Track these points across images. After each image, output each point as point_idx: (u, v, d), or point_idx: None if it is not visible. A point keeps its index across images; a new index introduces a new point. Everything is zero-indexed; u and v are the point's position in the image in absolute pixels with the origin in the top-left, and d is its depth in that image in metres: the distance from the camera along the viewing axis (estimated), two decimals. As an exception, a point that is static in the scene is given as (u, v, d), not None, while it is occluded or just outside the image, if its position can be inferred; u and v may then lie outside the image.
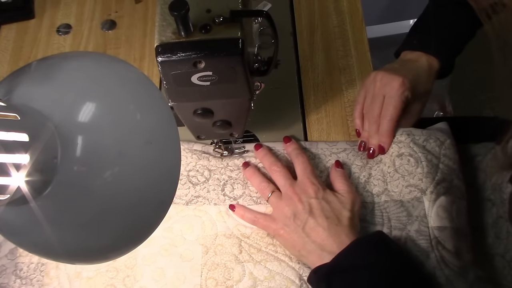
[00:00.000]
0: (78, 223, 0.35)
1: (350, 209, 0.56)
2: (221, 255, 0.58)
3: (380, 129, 0.61)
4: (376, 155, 0.61)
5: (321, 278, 0.52)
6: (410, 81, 0.60)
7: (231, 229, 0.60)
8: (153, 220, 0.38)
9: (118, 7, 0.80)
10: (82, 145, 0.32)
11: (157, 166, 0.37)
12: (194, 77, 0.44)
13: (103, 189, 0.34)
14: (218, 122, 0.53)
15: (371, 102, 0.62)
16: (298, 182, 0.58)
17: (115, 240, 0.37)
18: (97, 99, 0.34)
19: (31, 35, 0.78)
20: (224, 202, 0.61)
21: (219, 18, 0.42)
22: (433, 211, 0.56)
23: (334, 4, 0.75)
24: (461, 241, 0.55)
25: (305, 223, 0.55)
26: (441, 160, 0.59)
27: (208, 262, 0.58)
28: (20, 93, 0.34)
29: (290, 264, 0.58)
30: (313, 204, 0.55)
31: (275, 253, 0.58)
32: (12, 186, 0.29)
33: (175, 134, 0.39)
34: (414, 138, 0.60)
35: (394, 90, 0.59)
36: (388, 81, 0.60)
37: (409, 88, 0.60)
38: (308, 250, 0.54)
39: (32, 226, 0.34)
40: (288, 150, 0.62)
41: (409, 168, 0.59)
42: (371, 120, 0.62)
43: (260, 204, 0.60)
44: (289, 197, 0.57)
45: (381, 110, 0.61)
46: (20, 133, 0.29)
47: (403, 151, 0.60)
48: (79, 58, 0.39)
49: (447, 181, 0.57)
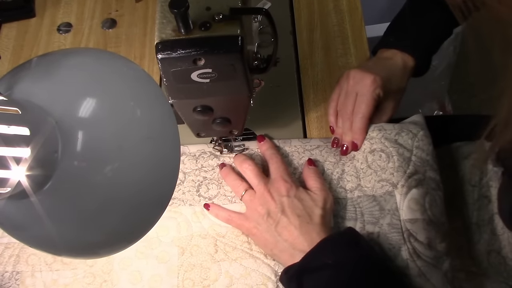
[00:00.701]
0: (78, 218, 0.35)
1: (322, 206, 0.56)
2: (197, 255, 0.59)
3: (353, 126, 0.61)
4: (349, 152, 0.62)
5: (291, 278, 0.53)
6: (383, 78, 0.61)
7: (206, 229, 0.60)
8: (153, 215, 0.38)
9: (118, 5, 0.80)
10: (82, 140, 0.33)
11: (157, 161, 0.37)
12: (194, 74, 0.44)
13: (103, 184, 0.34)
14: (218, 119, 0.53)
15: (344, 99, 0.62)
16: (271, 180, 0.58)
17: (115, 235, 0.37)
18: (97, 95, 0.35)
19: (31, 33, 0.79)
20: (199, 203, 0.61)
21: (219, 15, 0.43)
22: (405, 204, 0.57)
23: (333, 3, 0.75)
24: (434, 232, 0.56)
25: (277, 222, 0.55)
26: (414, 153, 0.59)
27: (184, 263, 0.59)
28: (21, 89, 0.34)
29: (265, 261, 0.58)
30: (285, 203, 0.56)
31: (250, 251, 0.59)
32: (13, 180, 0.29)
33: (175, 130, 0.39)
34: (385, 133, 0.61)
35: (366, 88, 0.60)
36: (360, 79, 0.61)
37: (381, 86, 0.60)
38: (280, 249, 0.55)
39: (33, 221, 0.34)
40: (262, 149, 0.62)
41: (381, 164, 0.60)
42: (344, 118, 0.62)
43: (235, 203, 0.61)
44: (262, 195, 0.57)
45: (354, 108, 0.61)
46: (21, 127, 0.29)
47: (375, 147, 0.60)
48: (79, 54, 0.39)
49: (420, 173, 0.58)
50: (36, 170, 0.30)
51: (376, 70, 0.61)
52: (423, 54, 0.65)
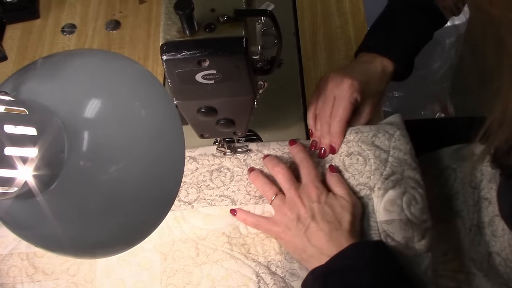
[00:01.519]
0: (84, 217, 0.35)
1: (352, 212, 0.56)
2: (179, 260, 0.59)
3: (331, 129, 0.62)
4: (327, 155, 0.62)
5: (316, 278, 0.53)
6: (360, 82, 0.61)
7: (187, 233, 0.60)
8: (158, 214, 0.38)
9: (122, 7, 0.81)
10: (88, 140, 0.33)
11: (162, 161, 0.38)
12: (199, 75, 0.45)
13: (108, 184, 0.35)
14: (222, 120, 0.53)
15: (323, 103, 0.63)
16: (302, 185, 0.58)
17: (120, 234, 0.37)
18: (102, 95, 0.35)
19: (36, 34, 0.79)
20: (179, 208, 0.61)
21: (223, 17, 0.43)
22: (381, 206, 0.58)
23: (336, 5, 0.75)
24: (412, 231, 0.56)
25: (307, 228, 0.55)
26: (391, 153, 0.60)
27: (167, 268, 0.59)
28: (27, 89, 0.34)
29: (246, 262, 0.58)
30: (315, 209, 0.56)
31: (230, 251, 0.59)
32: (19, 180, 0.30)
33: (179, 130, 0.39)
34: (362, 136, 0.61)
35: (343, 92, 0.61)
36: (338, 83, 0.62)
37: (358, 90, 0.61)
38: (309, 254, 0.55)
39: (39, 220, 0.34)
40: (293, 152, 0.62)
41: (358, 167, 0.60)
42: (323, 121, 0.63)
43: (214, 205, 0.61)
44: (292, 200, 0.57)
45: (332, 111, 0.62)
46: (28, 127, 0.30)
47: (352, 150, 0.61)
48: (84, 55, 0.40)
49: (397, 174, 0.59)
50: (43, 170, 0.31)
51: (354, 74, 0.62)
52: (402, 58, 0.65)
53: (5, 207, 0.34)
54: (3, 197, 0.30)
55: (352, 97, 0.61)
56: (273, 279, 0.57)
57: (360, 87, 0.61)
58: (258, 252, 0.59)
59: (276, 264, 0.58)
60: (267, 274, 0.58)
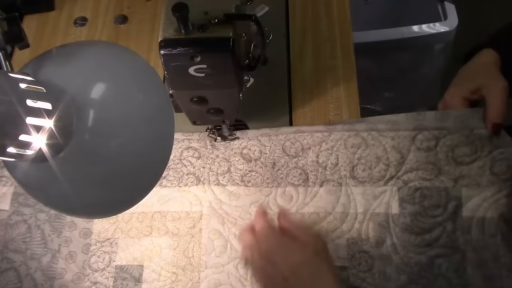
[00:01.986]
0: (87, 182, 0.42)
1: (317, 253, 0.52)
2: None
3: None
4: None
5: None
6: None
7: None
8: (148, 183, 0.45)
9: (130, 3, 0.88)
10: (93, 117, 0.39)
11: (155, 139, 0.44)
12: (191, 69, 0.51)
13: (109, 155, 0.41)
14: (212, 109, 0.60)
15: None
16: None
17: (117, 198, 0.44)
18: (107, 80, 0.41)
19: (51, 25, 0.86)
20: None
21: (215, 19, 0.49)
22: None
23: (325, 10, 0.81)
24: (382, 232, 0.62)
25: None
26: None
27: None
28: (44, 72, 0.41)
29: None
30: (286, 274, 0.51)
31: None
32: (37, 145, 0.36)
33: (170, 114, 0.46)
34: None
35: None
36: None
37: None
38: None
39: (50, 182, 0.41)
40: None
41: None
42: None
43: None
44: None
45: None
46: (45, 103, 0.36)
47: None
48: (94, 46, 0.46)
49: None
50: (55, 138, 0.37)
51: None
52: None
53: (23, 169, 0.41)
54: (22, 158, 0.37)
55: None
56: None
57: None
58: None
59: None
60: None
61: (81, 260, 0.66)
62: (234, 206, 0.67)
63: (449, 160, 0.64)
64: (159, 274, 0.65)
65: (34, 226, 0.68)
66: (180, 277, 0.64)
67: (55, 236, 0.67)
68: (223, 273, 0.64)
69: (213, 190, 0.68)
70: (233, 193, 0.68)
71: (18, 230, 0.68)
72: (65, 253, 0.67)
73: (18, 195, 0.70)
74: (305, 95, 0.75)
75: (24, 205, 0.69)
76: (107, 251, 0.66)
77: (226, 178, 0.69)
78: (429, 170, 0.64)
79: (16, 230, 0.68)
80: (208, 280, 0.64)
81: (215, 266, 0.65)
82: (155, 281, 0.64)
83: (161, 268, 0.65)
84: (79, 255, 0.66)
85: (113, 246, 0.66)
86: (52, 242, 0.67)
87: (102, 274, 0.65)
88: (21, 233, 0.68)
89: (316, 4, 0.82)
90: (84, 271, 0.65)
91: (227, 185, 0.68)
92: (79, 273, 0.65)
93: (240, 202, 0.67)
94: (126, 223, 0.67)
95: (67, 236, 0.67)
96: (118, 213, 0.46)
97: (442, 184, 0.63)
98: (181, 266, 0.65)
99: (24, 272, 0.65)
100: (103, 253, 0.66)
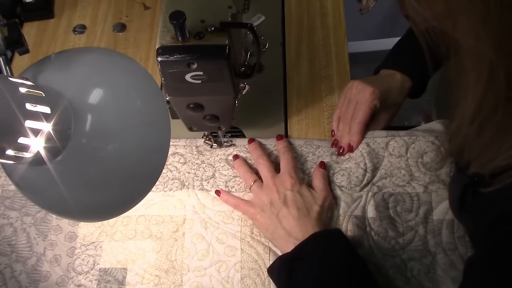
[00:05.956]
0: (84, 186, 0.43)
1: (321, 204, 0.64)
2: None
3: (350, 130, 0.69)
4: (345, 153, 0.70)
5: (283, 265, 0.60)
6: (381, 92, 0.69)
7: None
8: (145, 187, 0.46)
9: (128, 12, 0.89)
10: (91, 122, 0.40)
11: (150, 144, 0.45)
12: (188, 75, 0.52)
13: (105, 159, 0.42)
14: (208, 116, 0.61)
15: (346, 106, 0.70)
16: (279, 175, 0.66)
17: (114, 202, 0.45)
18: (105, 86, 0.42)
19: (50, 32, 0.87)
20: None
21: (211, 27, 0.50)
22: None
23: (321, 19, 0.83)
24: (360, 234, 0.65)
25: (279, 211, 0.63)
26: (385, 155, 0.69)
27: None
28: (43, 77, 0.42)
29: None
30: (288, 195, 0.63)
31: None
32: (35, 148, 0.37)
33: (167, 120, 0.47)
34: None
35: (365, 98, 0.68)
36: (361, 89, 0.69)
37: (378, 98, 0.68)
38: (279, 235, 0.62)
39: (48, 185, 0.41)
40: (278, 146, 0.70)
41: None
42: (344, 122, 0.70)
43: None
44: (269, 187, 0.65)
45: (353, 114, 0.69)
46: (44, 107, 0.37)
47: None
48: (92, 52, 0.47)
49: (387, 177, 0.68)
50: (53, 141, 0.38)
51: (376, 83, 0.69)
52: (419, 78, 0.72)
53: (21, 172, 0.42)
54: (21, 161, 0.38)
55: (372, 103, 0.68)
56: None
57: (380, 96, 0.68)
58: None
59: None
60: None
61: (65, 263, 0.67)
62: (217, 211, 0.69)
63: (419, 166, 0.67)
64: (142, 277, 0.65)
65: (20, 230, 0.69)
66: (163, 280, 0.65)
67: (40, 240, 0.68)
68: (205, 276, 0.65)
69: (197, 195, 0.70)
70: (216, 198, 0.69)
71: (4, 233, 0.69)
72: (50, 256, 0.67)
73: (5, 199, 0.70)
74: (300, 103, 0.76)
75: (10, 209, 0.70)
76: (91, 254, 0.67)
77: (211, 184, 0.70)
78: (401, 176, 0.67)
79: (1, 233, 0.69)
80: (190, 283, 0.65)
81: (198, 269, 0.65)
82: (138, 284, 0.65)
83: (144, 271, 0.66)
84: (64, 258, 0.67)
85: (97, 250, 0.67)
86: (38, 245, 0.68)
87: (86, 277, 0.66)
88: (7, 236, 0.68)
89: (311, 14, 0.84)
90: (68, 274, 0.66)
91: (211, 191, 0.70)
92: (63, 276, 0.66)
93: (223, 207, 0.69)
94: (111, 226, 0.68)
95: (53, 239, 0.68)
96: (115, 216, 0.47)
97: (414, 190, 0.66)
98: (164, 269, 0.66)
99: (9, 274, 0.66)
100: (87, 256, 0.67)
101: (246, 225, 0.67)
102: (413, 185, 0.67)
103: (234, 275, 0.64)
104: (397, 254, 0.64)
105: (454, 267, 0.62)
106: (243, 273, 0.64)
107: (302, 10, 0.85)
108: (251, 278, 0.64)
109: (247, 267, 0.65)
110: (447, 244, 0.63)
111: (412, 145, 0.68)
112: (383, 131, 0.70)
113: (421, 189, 0.66)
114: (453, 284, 0.62)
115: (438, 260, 0.63)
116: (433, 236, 0.64)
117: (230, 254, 0.66)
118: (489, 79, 0.38)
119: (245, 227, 0.67)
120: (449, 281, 0.62)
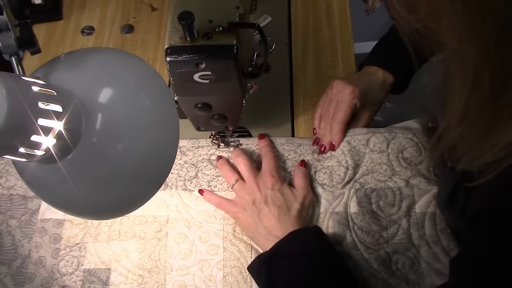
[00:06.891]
0: (94, 184, 0.43)
1: (301, 202, 0.64)
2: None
3: (332, 129, 0.70)
4: (326, 151, 0.71)
5: (262, 263, 0.61)
6: (361, 90, 0.69)
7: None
8: (154, 185, 0.46)
9: (136, 13, 0.90)
10: (101, 121, 0.41)
11: (160, 143, 0.46)
12: (196, 75, 0.53)
13: (115, 158, 0.42)
14: (215, 115, 0.61)
15: (327, 106, 0.71)
16: (261, 174, 0.67)
17: (123, 200, 0.45)
18: (114, 85, 0.43)
19: (58, 34, 0.88)
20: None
21: (219, 27, 0.51)
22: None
23: (327, 20, 0.83)
24: (342, 229, 0.66)
25: (260, 210, 0.64)
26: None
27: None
28: (54, 76, 0.42)
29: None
30: (269, 194, 0.64)
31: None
32: (47, 145, 0.38)
33: (175, 119, 0.47)
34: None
35: (345, 97, 0.69)
36: (341, 89, 0.69)
37: (358, 97, 0.69)
38: (260, 233, 0.63)
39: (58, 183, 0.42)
40: (260, 145, 0.71)
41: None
42: (326, 121, 0.71)
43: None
44: (250, 186, 0.66)
45: (334, 113, 0.70)
46: (56, 105, 0.38)
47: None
48: (102, 52, 0.48)
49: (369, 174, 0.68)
50: (64, 140, 0.39)
51: (357, 82, 0.70)
52: (402, 73, 0.73)
53: (32, 169, 0.42)
54: (32, 159, 0.38)
55: (352, 102, 0.68)
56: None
57: (360, 94, 0.69)
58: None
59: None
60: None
61: (50, 264, 0.67)
62: (200, 210, 0.69)
63: (400, 161, 0.68)
64: (126, 277, 0.66)
65: (5, 232, 0.69)
66: (146, 279, 0.65)
67: (25, 242, 0.68)
68: (188, 275, 0.65)
69: (180, 195, 0.70)
70: (199, 198, 0.70)
71: None
72: (35, 258, 0.68)
73: None
74: (307, 103, 0.76)
75: None
76: (75, 256, 0.67)
77: (193, 184, 0.71)
78: (383, 171, 0.68)
79: None
80: (173, 282, 0.65)
81: (181, 268, 0.66)
82: (122, 284, 0.66)
83: (128, 271, 0.66)
84: (48, 259, 0.67)
85: (81, 251, 0.68)
86: (23, 248, 0.68)
87: (70, 278, 0.66)
88: None
89: (317, 14, 0.84)
90: (53, 275, 0.67)
91: (194, 191, 0.70)
92: (48, 277, 0.67)
93: (206, 206, 0.69)
94: (95, 228, 0.69)
95: (38, 241, 0.68)
96: (124, 214, 0.47)
97: (396, 184, 0.67)
98: (148, 268, 0.66)
99: None
100: (72, 258, 0.67)
101: (229, 223, 0.68)
102: (395, 179, 0.67)
103: (217, 273, 0.65)
104: (381, 248, 0.64)
105: (437, 260, 0.63)
106: (225, 271, 0.65)
107: (308, 11, 0.85)
108: (233, 276, 0.64)
109: (229, 265, 0.65)
110: (430, 237, 0.64)
111: (393, 141, 0.69)
112: (363, 128, 0.71)
113: (403, 183, 0.67)
114: (437, 276, 0.62)
115: (421, 252, 0.63)
116: (416, 229, 0.64)
117: (213, 253, 0.66)
118: (474, 81, 0.38)
119: (228, 225, 0.68)
120: (433, 273, 0.62)
